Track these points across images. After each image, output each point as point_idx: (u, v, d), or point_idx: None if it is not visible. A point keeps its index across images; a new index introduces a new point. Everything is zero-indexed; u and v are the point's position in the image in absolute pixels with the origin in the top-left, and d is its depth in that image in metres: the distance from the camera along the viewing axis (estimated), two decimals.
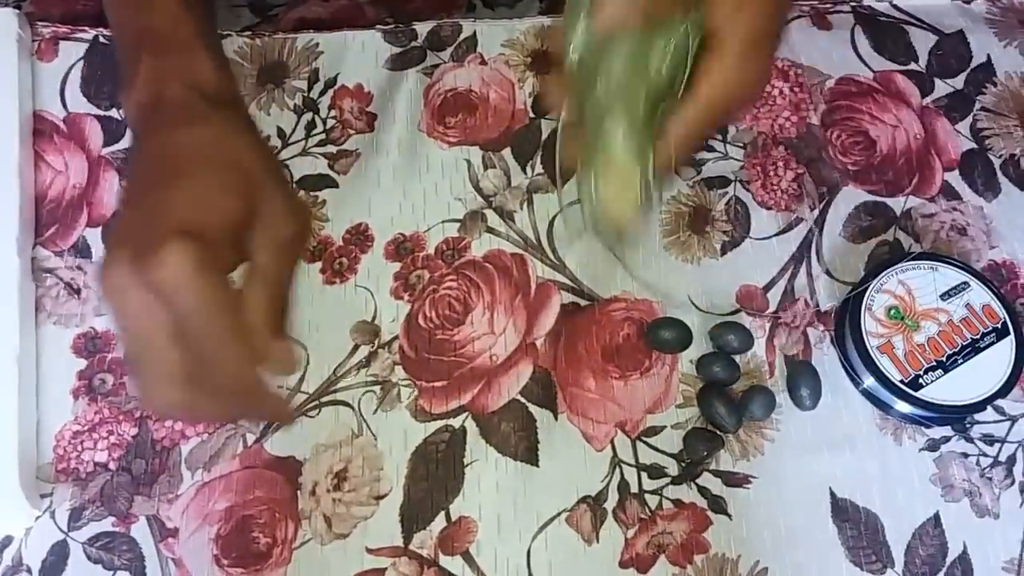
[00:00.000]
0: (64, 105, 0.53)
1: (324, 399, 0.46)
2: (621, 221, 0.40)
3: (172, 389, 0.32)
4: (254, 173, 0.35)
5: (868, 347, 0.45)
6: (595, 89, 0.40)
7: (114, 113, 0.53)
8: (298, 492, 0.44)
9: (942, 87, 0.55)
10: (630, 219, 0.40)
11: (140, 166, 0.37)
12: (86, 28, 0.55)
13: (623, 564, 0.43)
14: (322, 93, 0.54)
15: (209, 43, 0.40)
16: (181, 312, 0.31)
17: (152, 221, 0.33)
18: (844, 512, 0.44)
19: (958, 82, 0.55)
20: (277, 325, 0.35)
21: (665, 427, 0.46)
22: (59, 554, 0.43)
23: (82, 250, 0.50)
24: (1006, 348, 0.45)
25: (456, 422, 0.46)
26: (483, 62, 0.55)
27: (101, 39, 0.55)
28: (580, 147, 0.41)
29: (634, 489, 0.44)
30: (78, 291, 0.49)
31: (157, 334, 0.32)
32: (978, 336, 0.45)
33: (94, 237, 0.50)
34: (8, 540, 0.43)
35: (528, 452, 0.45)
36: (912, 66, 0.55)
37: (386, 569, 0.43)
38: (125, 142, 0.53)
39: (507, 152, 0.52)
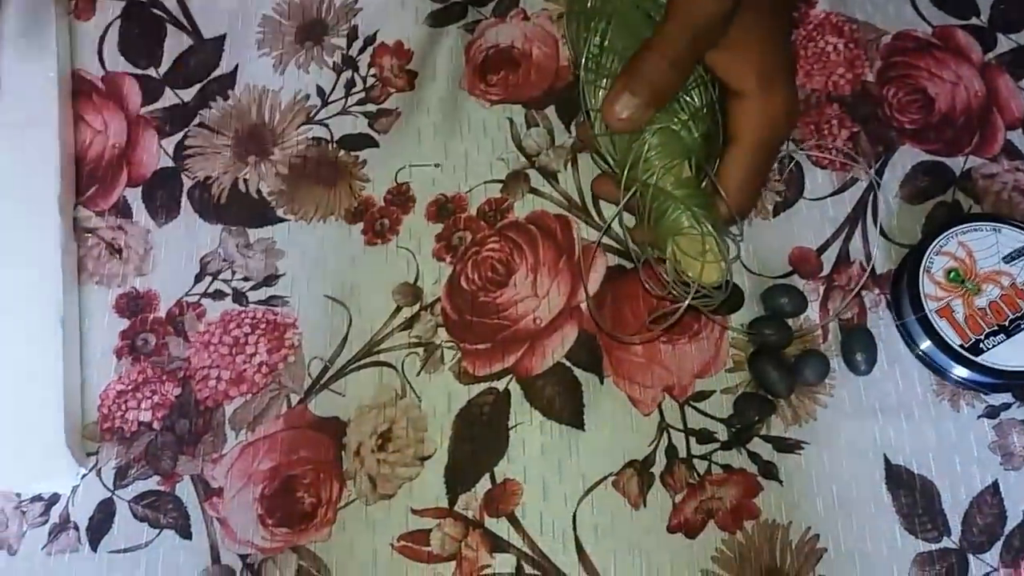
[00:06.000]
0: (102, 64, 0.53)
1: (367, 360, 0.46)
2: (713, 283, 0.41)
3: None
4: None
5: (927, 311, 0.44)
6: (640, 174, 0.41)
7: (152, 72, 0.53)
8: (343, 453, 0.44)
9: (1005, 42, 0.52)
10: (721, 277, 0.41)
11: None
12: None
13: (671, 529, 0.42)
14: (361, 51, 0.53)
15: None
16: None
17: None
18: (899, 479, 0.43)
19: (1022, 37, 0.52)
20: None
21: (715, 391, 0.45)
22: (106, 512, 0.43)
23: (123, 210, 0.49)
24: None
25: (500, 385, 0.45)
26: (526, 17, 0.53)
27: None
28: (650, 233, 0.42)
29: (682, 454, 0.44)
30: (119, 251, 0.49)
31: None
32: None
33: (134, 196, 0.50)
34: (56, 498, 0.44)
35: (573, 416, 0.45)
36: (973, 20, 0.53)
37: (431, 530, 0.42)
38: (163, 101, 0.52)
39: (551, 110, 0.51)
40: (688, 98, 0.42)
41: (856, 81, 0.51)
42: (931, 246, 0.45)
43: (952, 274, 0.44)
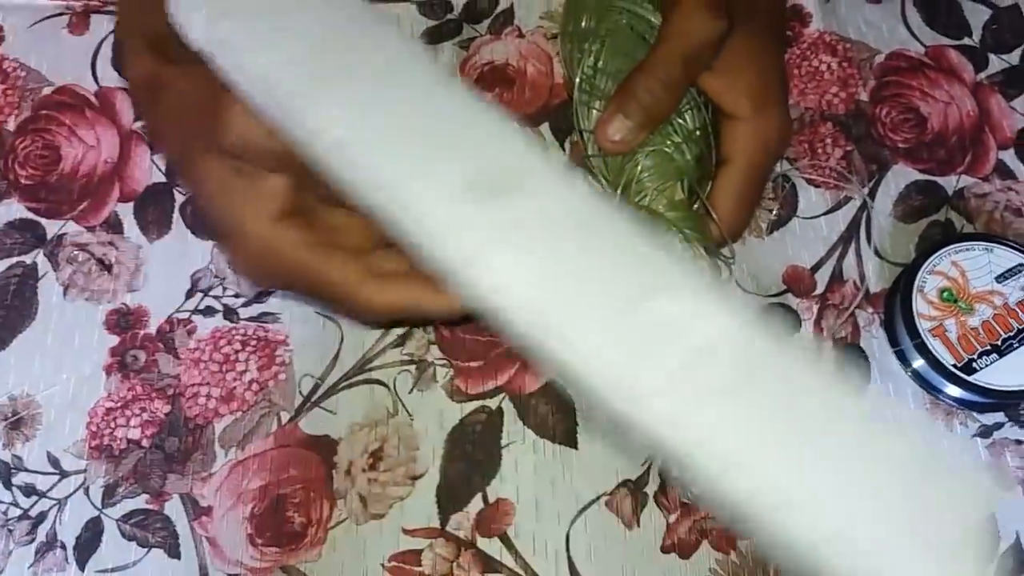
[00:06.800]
0: (96, 79, 0.53)
1: (358, 377, 0.45)
2: None
3: None
4: None
5: (920, 330, 0.44)
6: (633, 196, 0.41)
7: None
8: (333, 471, 0.43)
9: (997, 63, 0.53)
10: None
11: None
12: None
13: (665, 549, 0.42)
14: None
15: None
16: None
17: None
18: None
19: (1013, 57, 0.53)
20: None
21: None
22: (93, 530, 0.43)
23: (114, 225, 0.49)
24: None
25: (493, 403, 0.45)
26: (520, 35, 0.53)
27: None
28: None
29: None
30: (110, 267, 0.48)
31: None
32: None
33: (125, 211, 0.49)
34: (42, 516, 0.43)
35: (567, 434, 0.44)
36: (966, 41, 0.53)
37: (423, 550, 0.42)
38: None
39: (545, 127, 0.51)
40: (681, 120, 0.42)
41: (850, 100, 0.52)
42: (924, 265, 0.45)
43: (945, 293, 0.44)
